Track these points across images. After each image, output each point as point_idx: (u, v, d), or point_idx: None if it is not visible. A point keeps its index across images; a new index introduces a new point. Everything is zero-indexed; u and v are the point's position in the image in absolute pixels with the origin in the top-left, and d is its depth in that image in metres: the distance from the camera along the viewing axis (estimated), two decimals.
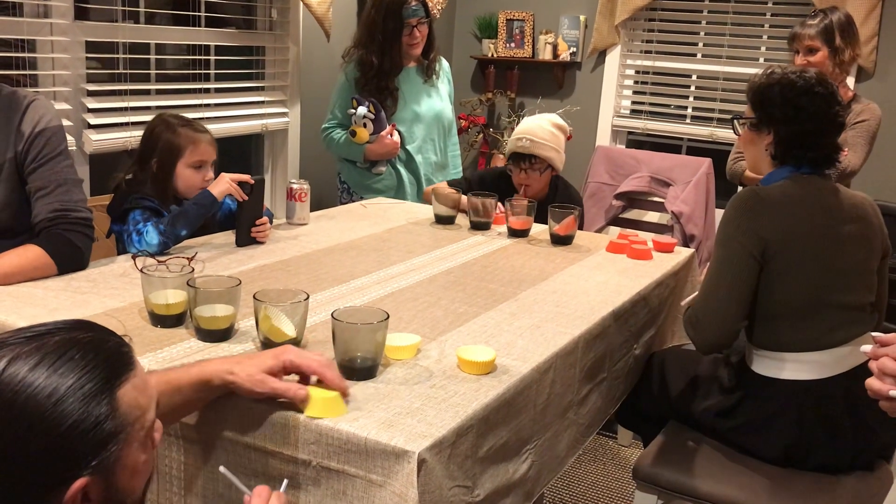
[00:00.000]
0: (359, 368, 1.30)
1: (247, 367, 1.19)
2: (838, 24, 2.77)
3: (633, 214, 4.02)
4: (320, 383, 1.23)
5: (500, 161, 4.44)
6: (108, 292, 1.68)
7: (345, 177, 3.19)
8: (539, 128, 2.73)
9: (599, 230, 3.86)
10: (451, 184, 2.79)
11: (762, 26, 4.12)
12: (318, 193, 2.56)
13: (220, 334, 1.45)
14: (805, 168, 1.86)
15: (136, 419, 0.90)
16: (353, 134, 2.97)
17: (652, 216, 4.00)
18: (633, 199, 3.98)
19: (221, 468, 1.06)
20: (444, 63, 3.25)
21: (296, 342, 1.40)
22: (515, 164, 2.74)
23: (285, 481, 1.07)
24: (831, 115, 1.83)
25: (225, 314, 1.45)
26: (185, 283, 1.47)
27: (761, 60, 4.12)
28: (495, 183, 2.79)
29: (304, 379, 1.25)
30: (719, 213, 3.90)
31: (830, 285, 1.80)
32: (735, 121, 1.98)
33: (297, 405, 1.20)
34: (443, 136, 3.23)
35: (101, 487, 0.86)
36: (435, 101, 3.17)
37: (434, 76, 3.16)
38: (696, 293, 2.23)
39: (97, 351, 0.88)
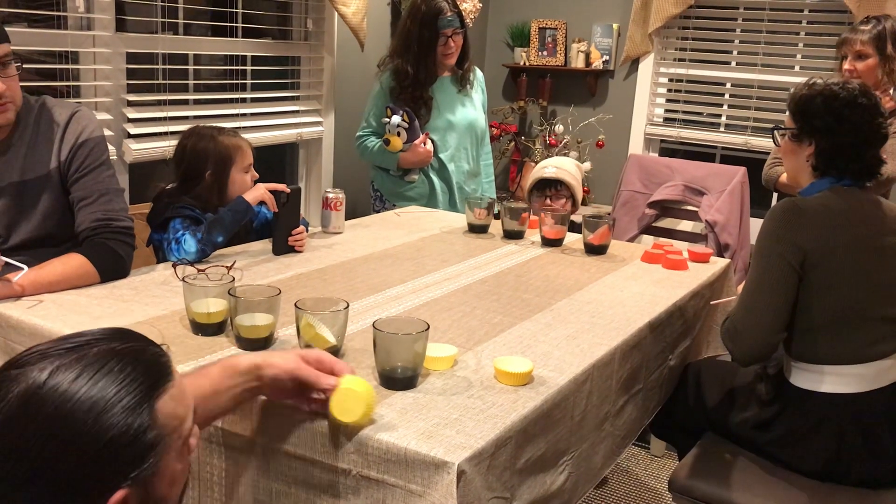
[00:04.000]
0: (399, 378, 1.31)
1: (277, 358, 1.20)
2: (891, 33, 2.73)
3: (666, 223, 3.99)
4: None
5: (531, 169, 4.44)
6: (149, 300, 1.71)
7: (378, 185, 3.21)
8: (564, 161, 2.87)
9: (632, 239, 3.84)
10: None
11: (798, 34, 4.07)
12: (352, 202, 2.58)
13: (261, 343, 1.47)
14: (846, 180, 1.84)
15: (174, 429, 0.91)
16: (387, 142, 2.99)
17: (686, 225, 3.97)
18: (666, 208, 3.95)
19: None
20: (479, 73, 3.26)
21: (336, 350, 1.42)
22: (540, 192, 2.77)
23: None
24: (874, 126, 1.81)
25: (265, 323, 1.47)
26: (226, 292, 1.49)
27: (797, 69, 4.08)
28: None
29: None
30: (754, 223, 3.89)
31: (872, 298, 1.78)
32: (775, 131, 1.96)
33: (329, 409, 1.19)
34: (475, 144, 3.24)
35: (139, 498, 0.87)
36: (469, 110, 3.18)
37: (468, 86, 3.17)
38: (731, 297, 2.22)
39: (136, 362, 0.89)
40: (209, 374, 1.18)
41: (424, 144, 3.02)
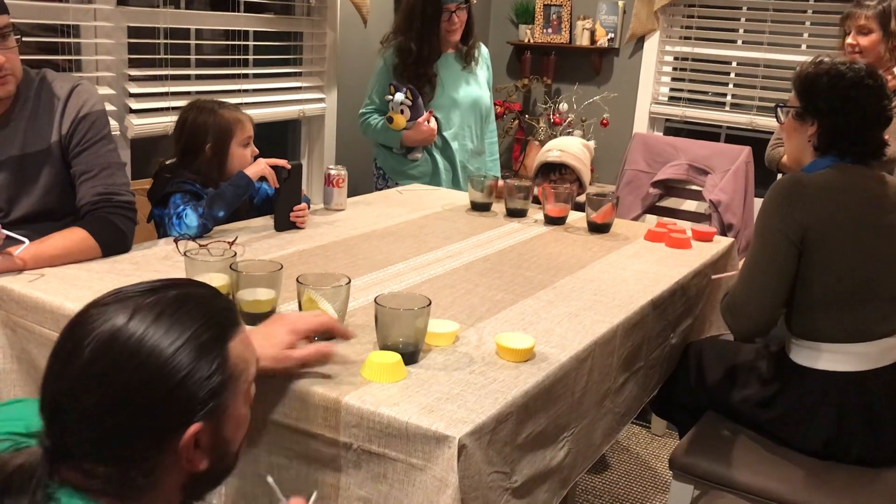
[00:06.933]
0: (401, 353, 1.31)
1: (267, 349, 1.21)
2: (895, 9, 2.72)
3: (670, 203, 3.98)
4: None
5: (535, 148, 4.42)
6: (151, 275, 1.71)
7: (381, 163, 3.20)
8: (569, 142, 2.81)
9: (636, 218, 3.83)
10: None
11: (805, 12, 4.03)
12: (354, 179, 2.57)
13: (263, 317, 1.46)
14: (849, 159, 1.82)
15: (241, 371, 0.96)
16: (391, 120, 2.97)
17: (689, 205, 3.96)
18: (670, 187, 3.93)
19: (269, 479, 1.09)
20: (484, 49, 3.23)
21: None
22: (544, 177, 2.75)
23: (314, 494, 1.09)
24: (879, 108, 1.79)
25: (267, 298, 1.47)
26: (228, 267, 1.49)
27: (803, 47, 4.04)
28: None
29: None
30: (758, 202, 3.84)
31: (876, 276, 1.77)
32: (778, 108, 1.95)
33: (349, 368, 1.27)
34: (480, 122, 3.22)
35: (210, 435, 0.92)
36: (473, 87, 3.16)
37: (473, 62, 3.14)
38: (732, 272, 2.21)
39: (210, 305, 0.95)
40: None
41: (428, 122, 3.00)
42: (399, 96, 2.94)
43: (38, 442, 0.89)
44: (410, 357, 1.33)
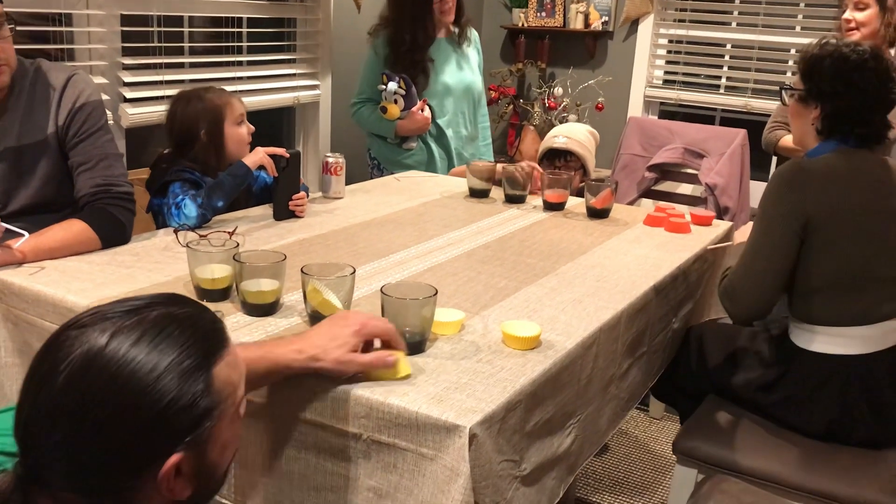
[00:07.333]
0: (408, 343, 1.30)
1: (332, 351, 1.18)
2: None
3: (666, 186, 3.98)
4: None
5: (530, 133, 4.41)
6: (152, 266, 1.70)
7: (375, 152, 3.17)
8: (575, 129, 2.79)
9: (632, 202, 3.83)
10: None
11: None
12: (349, 167, 2.55)
13: (267, 308, 1.46)
14: (852, 143, 1.82)
15: (228, 395, 0.91)
16: (384, 110, 2.94)
17: (685, 188, 3.96)
18: (666, 171, 3.94)
19: None
20: (474, 32, 3.20)
21: None
22: (550, 163, 2.74)
23: None
24: (883, 91, 1.79)
25: (271, 288, 1.46)
26: (230, 257, 1.48)
27: (798, 29, 4.03)
28: None
29: (367, 344, 1.26)
30: (754, 185, 3.88)
31: (878, 259, 1.78)
32: (783, 91, 1.94)
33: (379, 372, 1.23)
34: (473, 108, 3.20)
35: (193, 462, 0.87)
36: (466, 72, 3.13)
37: (466, 43, 3.11)
38: (728, 244, 2.22)
39: (195, 328, 0.89)
40: (253, 382, 1.15)
41: (422, 111, 2.98)
42: (392, 85, 2.90)
43: (13, 467, 0.86)
44: (417, 346, 1.33)
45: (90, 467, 0.83)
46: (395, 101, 2.94)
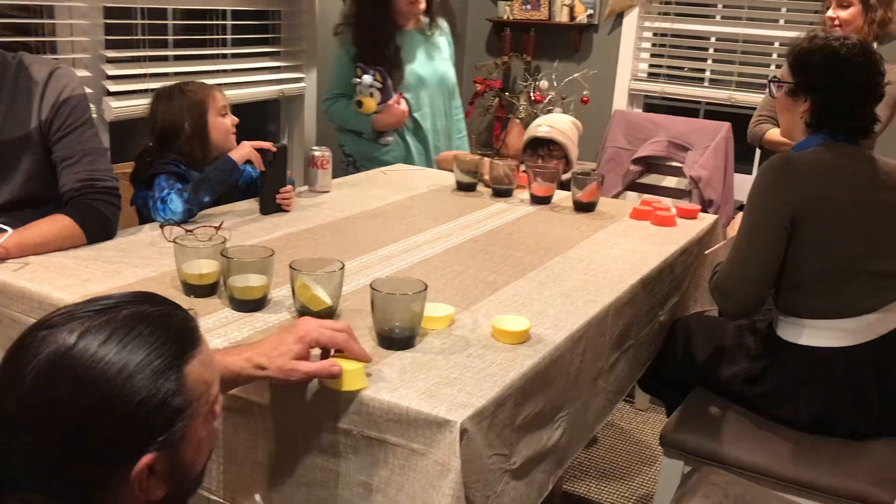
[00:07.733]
0: (398, 338, 1.31)
1: (275, 359, 1.16)
2: None
3: (650, 179, 3.99)
4: (339, 353, 1.21)
5: (515, 126, 4.40)
6: (138, 262, 1.69)
7: (349, 149, 3.09)
8: (558, 119, 2.81)
9: (617, 195, 3.84)
10: None
11: None
12: (336, 161, 2.53)
13: (254, 304, 1.46)
14: (840, 136, 1.83)
15: (201, 394, 0.90)
16: (360, 104, 2.88)
17: (670, 181, 3.98)
18: (650, 164, 3.95)
19: (257, 497, 1.06)
20: (444, 23, 3.16)
21: (332, 311, 1.41)
22: (533, 152, 2.75)
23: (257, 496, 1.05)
24: (871, 85, 1.80)
25: (259, 284, 1.45)
26: (217, 252, 1.47)
27: (781, 22, 4.05)
28: None
29: (326, 351, 1.23)
30: (738, 178, 3.90)
31: (863, 253, 1.79)
32: (771, 83, 1.94)
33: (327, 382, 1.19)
34: (447, 100, 3.16)
35: (166, 462, 0.86)
36: (438, 63, 3.08)
37: (437, 31, 3.07)
38: (722, 243, 2.23)
39: (165, 326, 0.88)
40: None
41: (399, 104, 2.95)
42: (367, 78, 2.85)
43: None
44: (407, 342, 1.33)
45: (60, 469, 0.82)
46: (371, 95, 2.88)
